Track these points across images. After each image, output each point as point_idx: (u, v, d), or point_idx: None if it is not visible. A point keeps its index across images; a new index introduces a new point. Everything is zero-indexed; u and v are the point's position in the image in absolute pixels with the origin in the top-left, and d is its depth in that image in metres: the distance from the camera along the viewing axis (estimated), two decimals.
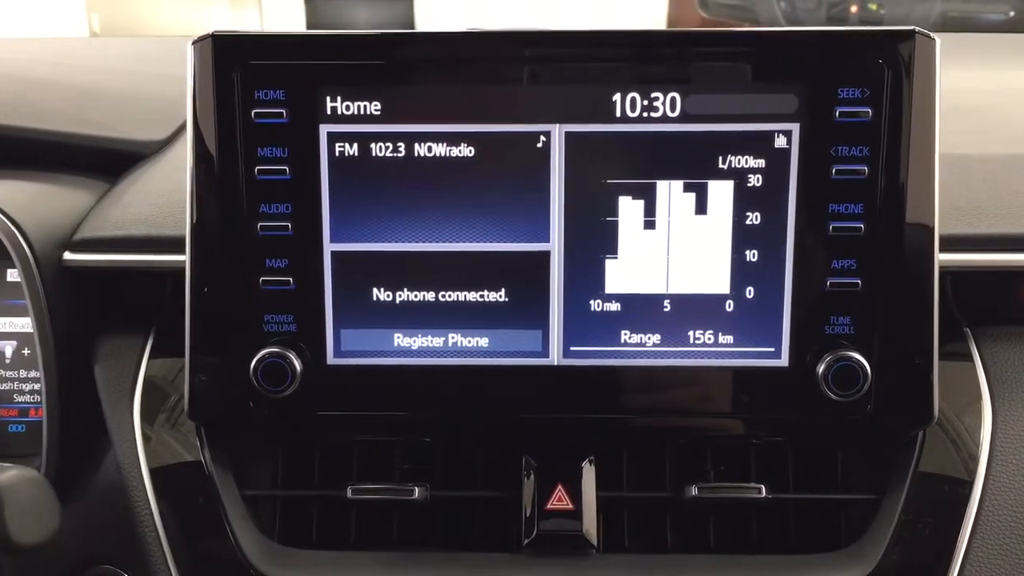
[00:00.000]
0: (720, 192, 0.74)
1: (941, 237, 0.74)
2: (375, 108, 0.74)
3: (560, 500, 0.78)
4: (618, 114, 0.74)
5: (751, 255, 0.75)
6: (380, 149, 0.75)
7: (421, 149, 0.75)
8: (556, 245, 0.76)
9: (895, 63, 0.72)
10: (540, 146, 0.74)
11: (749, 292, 0.76)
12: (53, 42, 1.62)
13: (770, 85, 0.73)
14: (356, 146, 0.75)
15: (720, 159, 0.74)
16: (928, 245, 0.74)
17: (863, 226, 0.74)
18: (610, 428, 0.79)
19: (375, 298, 0.77)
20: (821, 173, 0.73)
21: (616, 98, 0.73)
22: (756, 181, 0.74)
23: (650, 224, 0.75)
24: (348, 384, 0.78)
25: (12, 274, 0.88)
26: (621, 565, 0.78)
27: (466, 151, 0.75)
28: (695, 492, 0.79)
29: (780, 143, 0.74)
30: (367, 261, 0.76)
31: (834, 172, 0.73)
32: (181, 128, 1.02)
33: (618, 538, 0.81)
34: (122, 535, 0.80)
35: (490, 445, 0.84)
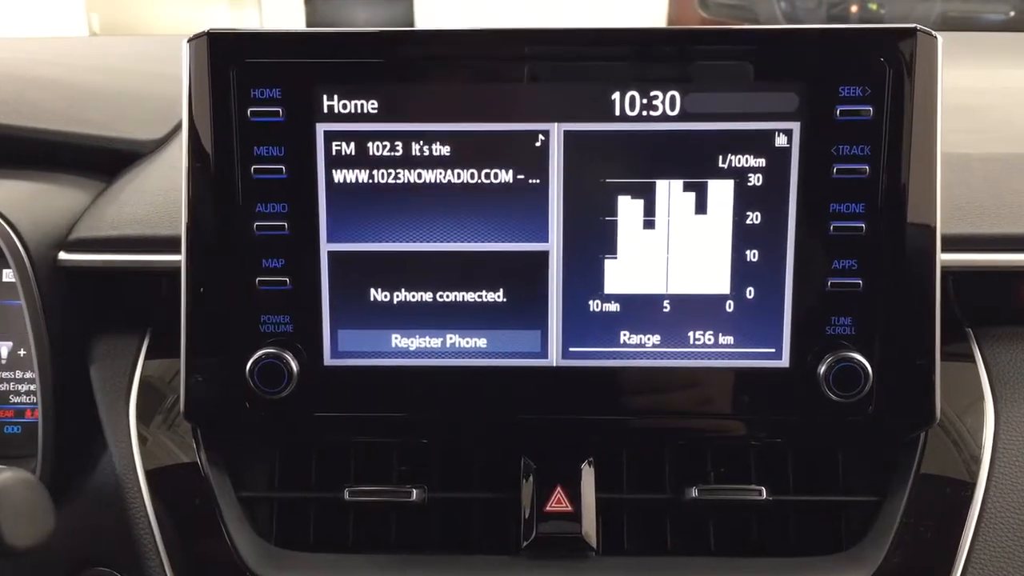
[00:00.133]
0: (720, 192, 0.74)
1: (943, 237, 0.74)
2: (372, 107, 0.74)
3: (559, 502, 0.78)
4: (617, 113, 0.73)
5: (751, 255, 0.75)
6: (377, 148, 0.74)
7: (418, 148, 0.74)
8: (555, 245, 0.75)
9: (896, 61, 0.72)
10: (539, 145, 0.74)
11: (749, 292, 0.75)
12: (53, 42, 1.62)
13: (770, 84, 0.72)
14: (353, 145, 0.74)
15: (720, 158, 0.73)
16: (930, 245, 0.74)
17: (864, 226, 0.73)
18: (609, 429, 0.79)
19: (372, 298, 0.76)
20: (822, 172, 0.73)
21: (615, 97, 0.73)
22: (756, 180, 0.74)
23: (650, 224, 0.75)
24: (345, 385, 0.77)
25: (7, 274, 0.88)
26: (620, 567, 0.78)
27: (464, 150, 0.74)
28: (695, 494, 0.79)
29: (780, 142, 0.73)
30: (364, 261, 0.76)
31: (835, 171, 0.73)
32: (178, 127, 1.01)
33: (617, 540, 0.81)
34: (118, 537, 0.80)
35: (488, 446, 0.83)
